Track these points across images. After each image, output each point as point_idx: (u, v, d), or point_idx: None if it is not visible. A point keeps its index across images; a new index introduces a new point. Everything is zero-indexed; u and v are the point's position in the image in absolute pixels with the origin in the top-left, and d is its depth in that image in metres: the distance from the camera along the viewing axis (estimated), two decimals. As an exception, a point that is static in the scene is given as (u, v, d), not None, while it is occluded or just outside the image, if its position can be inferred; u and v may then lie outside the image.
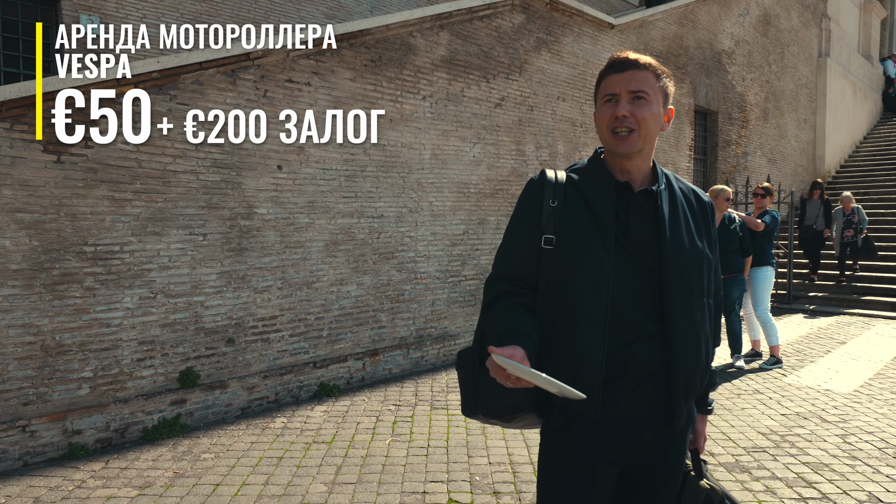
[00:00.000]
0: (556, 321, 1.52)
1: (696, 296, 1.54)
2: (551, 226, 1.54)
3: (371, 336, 5.70)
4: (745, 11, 11.54)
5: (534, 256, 1.57)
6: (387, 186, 5.77)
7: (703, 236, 1.61)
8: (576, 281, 1.49)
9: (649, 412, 1.50)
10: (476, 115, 6.58)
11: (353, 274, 5.53)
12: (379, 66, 5.64)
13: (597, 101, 1.62)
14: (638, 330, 1.48)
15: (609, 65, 1.58)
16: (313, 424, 4.62)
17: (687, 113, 9.97)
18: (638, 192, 1.55)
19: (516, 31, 7.00)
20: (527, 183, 1.66)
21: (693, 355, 1.52)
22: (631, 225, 1.52)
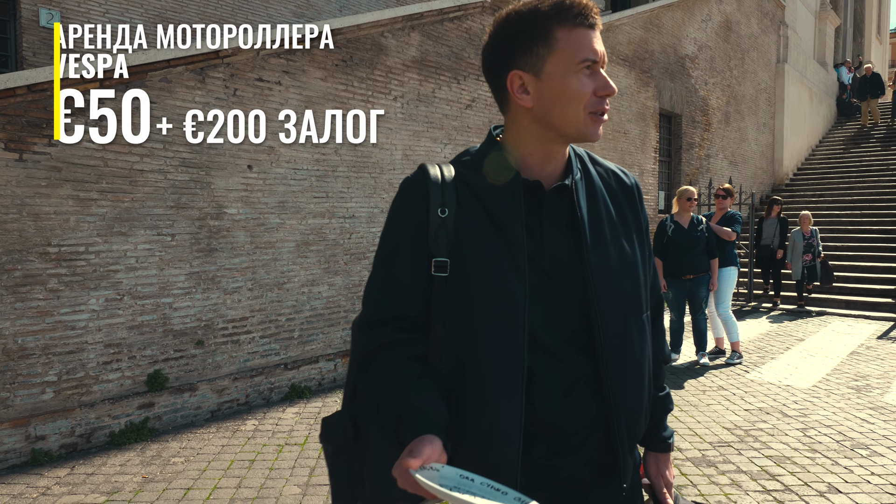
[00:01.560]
0: (458, 374, 1.13)
1: (631, 314, 1.19)
2: (442, 245, 1.13)
3: (343, 337, 5.68)
4: (708, 17, 11.83)
5: (421, 288, 1.16)
6: (358, 187, 5.75)
7: (633, 231, 1.25)
8: (481, 317, 1.11)
9: (590, 471, 1.17)
10: (447, 116, 6.61)
11: (325, 274, 5.50)
12: (350, 66, 5.63)
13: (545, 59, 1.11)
14: (567, 373, 1.13)
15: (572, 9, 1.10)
16: (285, 426, 4.58)
17: (652, 116, 10.17)
18: (550, 190, 1.17)
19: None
20: (401, 186, 1.22)
21: (636, 393, 1.18)
22: (544, 235, 1.15)
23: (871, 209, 12.46)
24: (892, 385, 5.66)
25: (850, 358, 6.73)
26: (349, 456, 1.22)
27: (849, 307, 9.70)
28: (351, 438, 1.22)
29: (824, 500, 3.40)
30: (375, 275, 1.22)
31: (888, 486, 3.58)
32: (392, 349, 1.15)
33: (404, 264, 1.17)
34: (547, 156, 1.18)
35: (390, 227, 1.22)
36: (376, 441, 1.19)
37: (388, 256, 1.20)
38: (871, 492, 3.49)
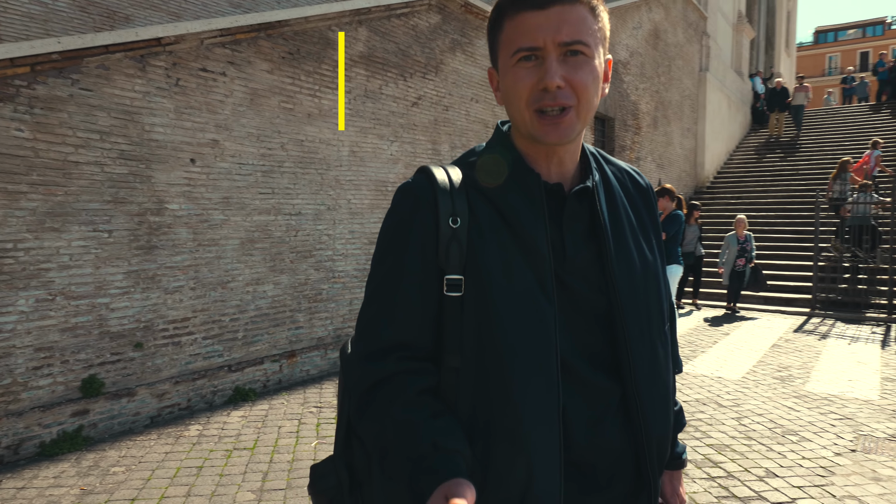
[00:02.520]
0: (480, 409, 0.98)
1: (656, 327, 1.08)
2: (455, 260, 0.98)
3: (288, 337, 5.53)
4: (639, 25, 12.29)
5: (430, 311, 1.00)
6: (305, 183, 5.61)
7: (651, 236, 1.14)
8: (507, 344, 0.96)
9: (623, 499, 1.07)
10: (394, 113, 6.56)
11: (270, 273, 5.34)
12: (297, 58, 5.48)
13: (498, 52, 1.02)
14: (596, 401, 1.01)
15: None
16: (232, 430, 4.41)
17: (588, 118, 10.46)
18: (571, 193, 1.04)
19: (432, 30, 7.04)
20: (399, 192, 1.05)
21: (664, 415, 1.08)
22: (566, 244, 1.02)
23: (784, 211, 13.32)
24: (812, 375, 6.07)
25: (772, 350, 7.18)
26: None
27: (767, 303, 10.34)
28: (347, 489, 1.07)
29: (764, 484, 3.60)
30: (373, 297, 1.03)
31: (818, 468, 3.83)
32: (397, 383, 0.98)
33: (410, 284, 1.00)
34: (549, 156, 1.04)
35: (391, 240, 1.03)
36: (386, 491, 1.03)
37: (389, 276, 1.02)
38: (804, 475, 3.73)
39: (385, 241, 1.04)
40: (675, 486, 1.27)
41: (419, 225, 1.00)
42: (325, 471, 1.10)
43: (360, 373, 1.01)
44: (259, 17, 5.05)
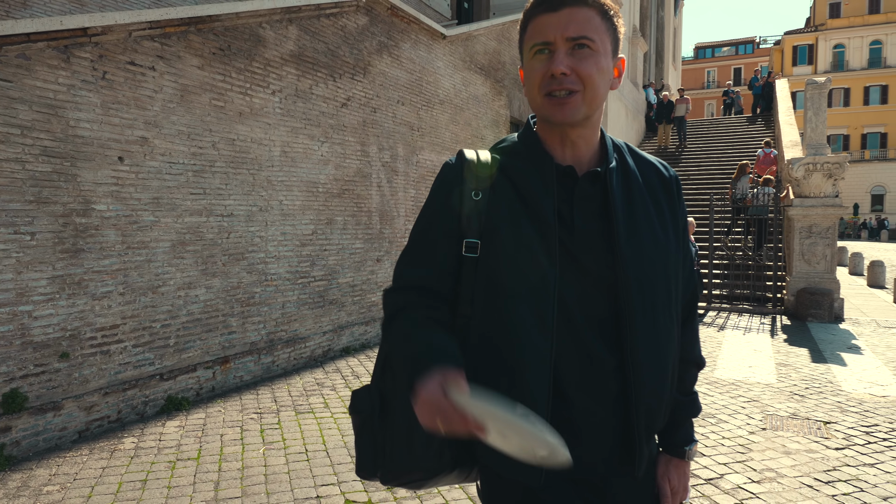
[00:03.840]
0: (485, 350, 1.14)
1: (661, 308, 1.17)
2: (475, 227, 1.17)
3: (221, 342, 5.34)
4: (548, 35, 12.83)
5: (451, 266, 1.19)
6: (237, 183, 5.45)
7: (669, 225, 1.23)
8: (509, 301, 1.13)
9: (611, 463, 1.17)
10: (324, 113, 6.49)
11: (202, 276, 5.14)
12: (228, 55, 5.31)
13: (522, 51, 1.20)
14: (594, 365, 1.13)
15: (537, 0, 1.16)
16: (170, 441, 4.22)
17: (504, 123, 10.80)
18: (583, 176, 1.18)
19: (361, 32, 7.04)
20: (442, 168, 1.26)
21: (658, 385, 1.17)
22: (575, 222, 1.15)
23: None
24: (718, 363, 6.64)
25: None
26: (374, 429, 1.23)
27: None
28: (378, 412, 1.24)
29: (694, 462, 3.93)
30: (408, 249, 1.26)
31: (738, 446, 4.23)
32: (413, 311, 1.19)
33: (437, 242, 1.21)
34: (563, 140, 1.19)
35: (428, 206, 1.26)
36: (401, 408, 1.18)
37: (422, 233, 1.25)
38: (727, 452, 4.11)
39: (425, 205, 1.28)
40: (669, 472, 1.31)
41: (448, 196, 1.22)
42: (362, 395, 1.28)
43: (388, 302, 1.25)
44: (189, 11, 4.85)
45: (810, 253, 9.75)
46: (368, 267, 7.32)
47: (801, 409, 5.03)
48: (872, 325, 9.06)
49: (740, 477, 3.73)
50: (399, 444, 1.18)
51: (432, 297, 1.20)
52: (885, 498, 3.44)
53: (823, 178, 9.65)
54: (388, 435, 1.21)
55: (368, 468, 1.24)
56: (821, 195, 9.75)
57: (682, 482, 1.31)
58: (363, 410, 1.26)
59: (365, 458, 1.24)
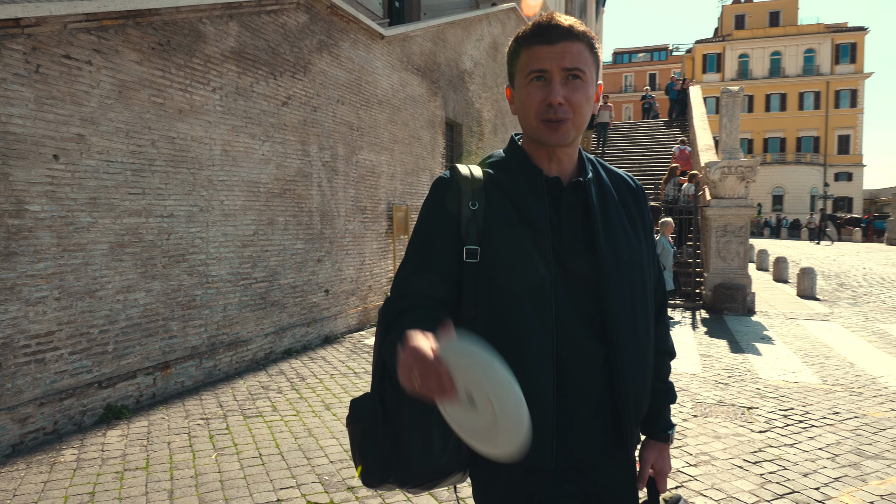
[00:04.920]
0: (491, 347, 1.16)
1: (639, 304, 1.31)
2: (474, 235, 1.26)
3: (161, 347, 5.17)
4: (481, 37, 13.06)
5: (453, 272, 1.27)
6: (177, 183, 5.28)
7: (640, 229, 1.37)
8: (515, 304, 1.22)
9: (602, 449, 1.28)
10: (265, 112, 6.38)
11: (142, 279, 4.96)
12: (168, 50, 5.14)
13: (514, 75, 1.31)
14: (586, 357, 1.24)
15: (533, 31, 1.26)
16: (115, 451, 4.07)
17: (440, 124, 10.92)
18: (567, 185, 1.30)
19: (301, 30, 6.95)
20: (435, 182, 1.35)
21: (641, 373, 1.30)
22: (562, 227, 1.27)
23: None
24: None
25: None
26: (379, 435, 1.26)
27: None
28: (381, 419, 1.27)
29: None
30: (409, 261, 1.32)
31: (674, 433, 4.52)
32: (415, 311, 1.23)
33: (439, 250, 1.28)
34: (550, 156, 1.31)
35: (425, 220, 1.33)
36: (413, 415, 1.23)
37: (423, 245, 1.31)
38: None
39: (421, 219, 1.34)
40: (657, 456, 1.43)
41: (446, 208, 1.29)
42: (362, 403, 1.32)
43: (388, 309, 1.29)
44: (128, 4, 4.67)
45: (725, 250, 10.45)
46: (310, 267, 7.26)
47: (727, 397, 5.43)
48: (780, 316, 9.81)
49: (678, 461, 4.00)
50: (415, 448, 1.22)
51: (435, 302, 1.26)
52: (805, 474, 3.79)
53: (737, 180, 10.36)
54: (399, 440, 1.24)
55: (377, 475, 1.26)
56: (735, 196, 10.46)
57: (667, 463, 1.44)
58: (364, 418, 1.29)
59: (372, 466, 1.26)
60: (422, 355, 0.97)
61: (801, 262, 17.58)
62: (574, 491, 1.25)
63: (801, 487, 3.61)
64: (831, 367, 6.51)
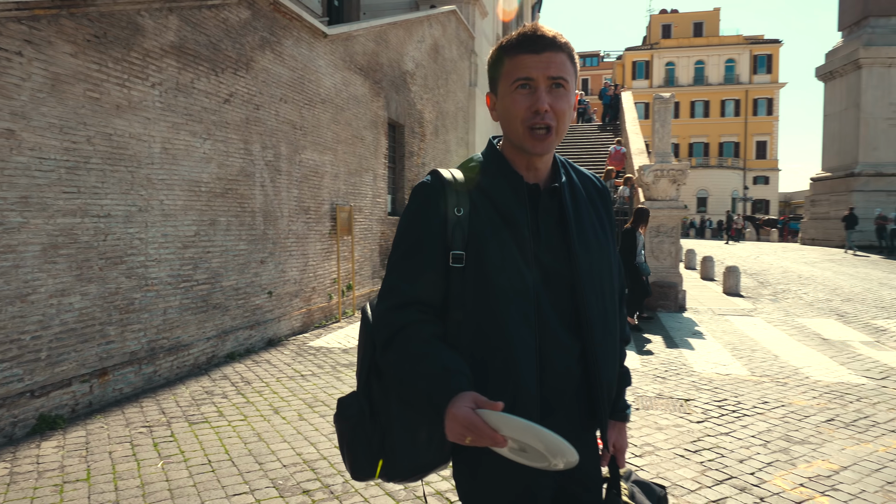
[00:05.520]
0: (479, 345, 1.29)
1: (608, 298, 1.40)
2: (459, 240, 1.30)
3: (98, 353, 4.94)
4: (422, 39, 13.10)
5: (441, 277, 1.31)
6: (114, 182, 5.06)
7: (607, 228, 1.46)
8: (500, 305, 1.28)
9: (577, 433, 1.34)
10: (206, 109, 6.20)
11: (77, 282, 4.72)
12: (104, 43, 4.92)
13: (497, 82, 1.35)
14: (564, 351, 1.32)
15: (520, 41, 1.30)
16: (51, 463, 3.87)
17: (382, 124, 10.89)
18: (544, 191, 1.37)
19: (243, 26, 6.79)
20: (418, 188, 1.37)
21: (612, 364, 1.40)
22: (540, 230, 1.34)
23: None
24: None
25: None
26: (367, 432, 1.35)
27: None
28: (368, 416, 1.35)
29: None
30: (396, 266, 1.35)
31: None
32: (415, 329, 1.28)
33: (426, 257, 1.31)
34: (529, 163, 1.37)
35: (412, 225, 1.36)
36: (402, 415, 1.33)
37: (410, 251, 1.34)
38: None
39: (406, 225, 1.36)
40: (618, 435, 1.53)
41: (432, 213, 1.32)
42: (350, 401, 1.39)
43: (387, 321, 1.31)
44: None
45: (659, 250, 10.89)
46: (252, 269, 7.09)
47: (665, 390, 5.68)
48: (709, 313, 10.32)
49: (624, 453, 4.16)
50: (404, 446, 1.30)
51: (430, 312, 1.31)
52: (741, 460, 4.03)
53: (669, 183, 10.82)
54: (388, 437, 1.32)
55: (366, 469, 1.35)
56: (667, 198, 10.93)
57: (625, 441, 1.54)
58: (352, 416, 1.36)
59: (361, 462, 1.35)
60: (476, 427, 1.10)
61: (725, 261, 18.52)
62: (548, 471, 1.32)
63: (738, 473, 3.83)
64: (758, 360, 6.91)
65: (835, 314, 10.08)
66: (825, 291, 12.43)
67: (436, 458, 1.33)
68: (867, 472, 3.85)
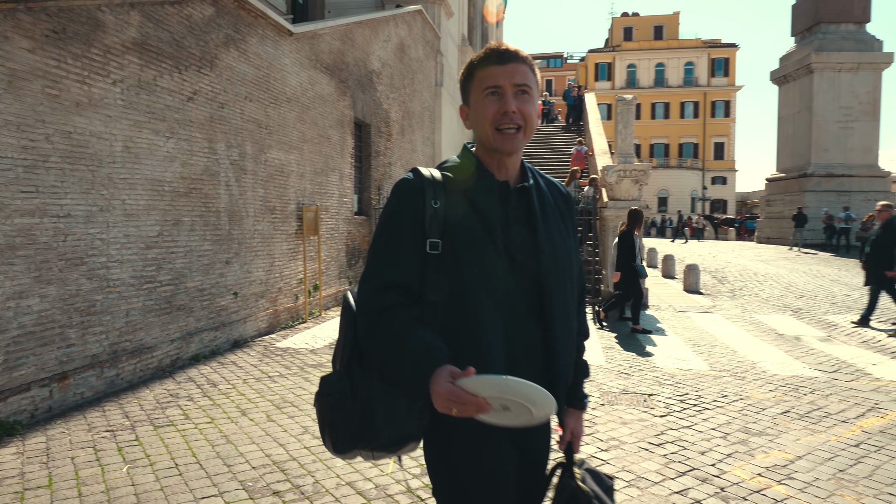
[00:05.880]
0: (452, 326, 1.40)
1: (569, 293, 1.53)
2: (436, 229, 1.42)
3: (59, 357, 4.82)
4: (388, 38, 13.08)
5: (419, 263, 1.43)
6: (74, 181, 4.94)
7: (570, 229, 1.60)
8: (472, 289, 1.40)
9: None
10: (169, 107, 6.09)
11: (36, 284, 4.60)
12: (63, 39, 4.80)
13: (469, 93, 1.51)
14: (529, 335, 1.44)
15: (487, 55, 1.47)
16: (10, 470, 3.77)
17: (349, 123, 10.84)
18: (514, 189, 1.51)
19: (207, 23, 6.69)
20: (399, 183, 1.50)
21: (568, 354, 1.52)
22: (510, 224, 1.46)
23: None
24: (556, 350, 7.35)
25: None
26: (348, 408, 1.45)
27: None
28: (349, 394, 1.45)
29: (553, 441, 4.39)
30: (380, 251, 1.46)
31: (585, 422, 4.79)
32: (396, 312, 1.40)
33: (405, 245, 1.43)
34: (499, 163, 1.50)
35: (393, 215, 1.47)
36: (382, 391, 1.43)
37: (391, 239, 1.45)
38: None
39: (388, 216, 1.48)
40: (576, 422, 1.66)
41: (412, 205, 1.45)
42: (333, 380, 1.48)
43: (370, 304, 1.42)
44: (18, -13, 4.32)
45: (622, 249, 11.09)
46: (217, 269, 7.00)
47: (629, 385, 5.82)
48: (671, 310, 10.58)
49: (591, 447, 4.26)
50: (383, 419, 1.41)
51: (411, 296, 1.43)
52: (703, 452, 4.16)
53: (632, 183, 11.05)
54: (368, 413, 1.42)
55: (346, 443, 1.45)
56: (630, 198, 11.15)
57: (581, 428, 1.68)
58: (335, 392, 1.46)
59: (342, 437, 1.45)
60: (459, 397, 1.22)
61: (685, 259, 18.97)
62: (512, 451, 1.47)
63: (699, 464, 3.96)
64: (718, 355, 7.13)
65: (789, 310, 10.44)
66: (780, 288, 12.86)
67: (415, 429, 1.44)
68: (820, 461, 4.02)
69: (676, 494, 3.52)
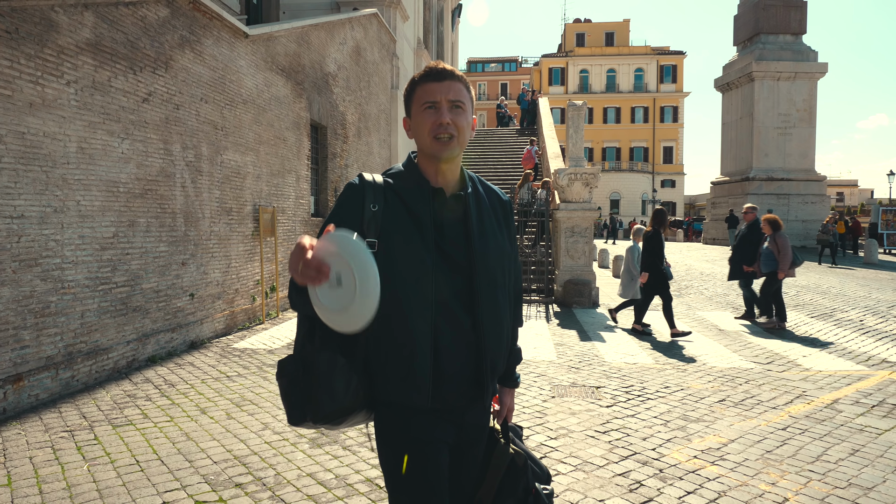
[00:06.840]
0: (384, 323, 1.55)
1: (499, 286, 1.70)
2: (373, 230, 1.59)
3: (12, 359, 4.78)
4: (344, 41, 13.16)
5: None
6: (28, 182, 4.91)
7: (505, 232, 1.78)
8: (402, 282, 1.56)
9: (468, 398, 1.65)
10: (124, 108, 6.08)
11: (-11, 286, 4.56)
12: (16, 39, 4.78)
13: (410, 107, 1.69)
14: (457, 325, 1.61)
15: (426, 73, 1.66)
16: (-34, 471, 3.75)
17: (305, 126, 10.89)
18: (450, 196, 1.68)
19: (162, 24, 6.69)
20: (346, 187, 1.69)
21: (497, 340, 1.69)
22: (445, 227, 1.64)
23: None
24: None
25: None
26: (301, 385, 1.60)
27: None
28: (302, 373, 1.61)
29: (507, 429, 4.62)
30: None
31: (535, 412, 5.02)
32: None
33: None
34: (437, 170, 1.68)
35: (337, 214, 1.64)
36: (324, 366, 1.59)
37: None
38: (527, 418, 4.87)
39: (333, 213, 1.65)
40: (509, 398, 1.92)
41: (352, 208, 1.63)
42: (288, 361, 1.65)
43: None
44: (-29, -13, 4.30)
45: (574, 250, 11.48)
46: (174, 271, 6.99)
47: (579, 379, 6.10)
48: (620, 308, 10.98)
49: (541, 436, 4.49)
50: (323, 393, 1.55)
51: None
52: (644, 438, 4.45)
53: (583, 186, 11.43)
54: (312, 387, 1.57)
55: (298, 415, 1.61)
56: (581, 201, 11.53)
57: (512, 402, 1.94)
58: (290, 372, 1.63)
59: (295, 409, 1.61)
60: (303, 248, 1.33)
61: (635, 259, 19.57)
62: (448, 426, 1.66)
63: (641, 449, 4.23)
64: (662, 350, 7.50)
65: (730, 307, 10.99)
66: (723, 287, 13.47)
67: (352, 403, 1.59)
68: (751, 444, 4.35)
69: (619, 476, 3.78)
